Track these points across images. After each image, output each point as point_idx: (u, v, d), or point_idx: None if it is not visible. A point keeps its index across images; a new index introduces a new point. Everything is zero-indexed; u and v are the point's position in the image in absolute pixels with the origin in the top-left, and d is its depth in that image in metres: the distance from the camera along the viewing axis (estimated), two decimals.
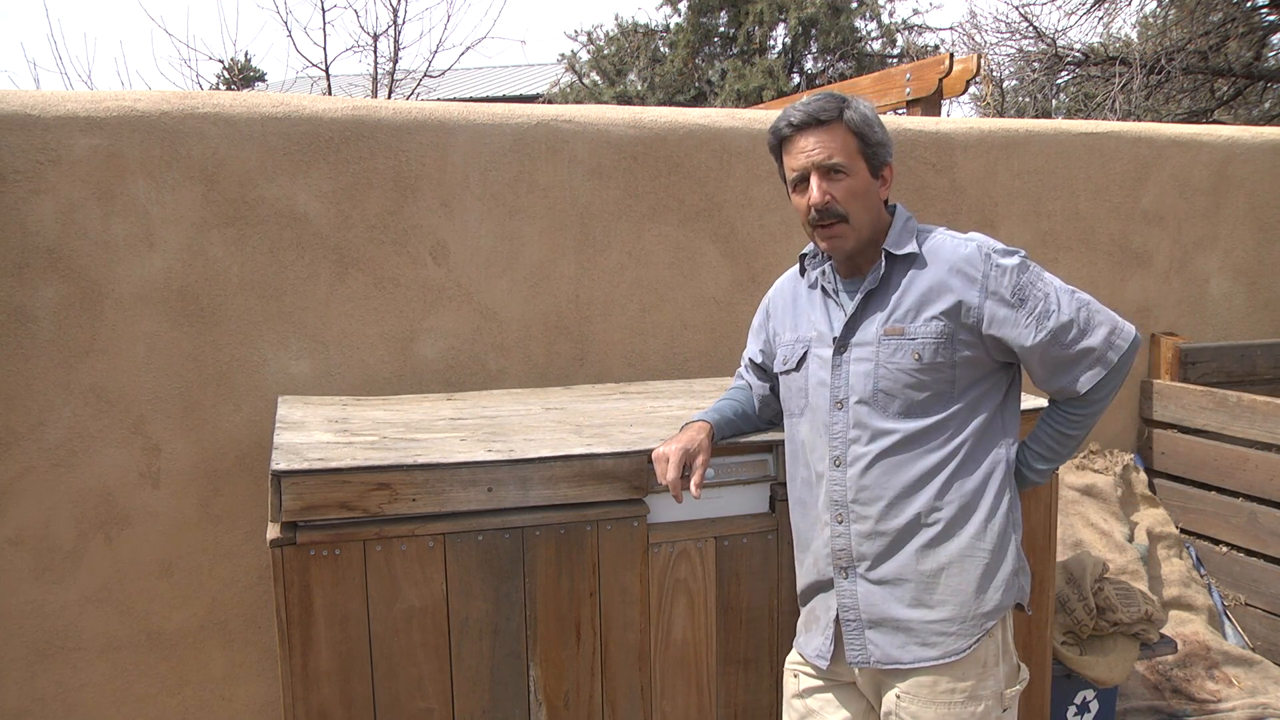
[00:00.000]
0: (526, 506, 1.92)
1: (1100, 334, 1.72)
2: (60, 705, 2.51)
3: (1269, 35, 11.03)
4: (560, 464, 1.92)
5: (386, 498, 1.83)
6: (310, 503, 1.79)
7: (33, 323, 2.40)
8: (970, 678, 1.72)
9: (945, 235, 1.77)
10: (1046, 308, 1.70)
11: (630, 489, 1.96)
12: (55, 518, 2.47)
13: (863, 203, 1.73)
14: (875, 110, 1.78)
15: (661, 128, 2.90)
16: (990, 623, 1.73)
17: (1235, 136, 3.71)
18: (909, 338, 1.71)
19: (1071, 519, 3.33)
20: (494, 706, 1.93)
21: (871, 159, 1.74)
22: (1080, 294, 1.75)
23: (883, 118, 3.30)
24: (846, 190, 1.72)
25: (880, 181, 1.78)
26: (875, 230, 1.77)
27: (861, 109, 1.74)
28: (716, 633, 2.07)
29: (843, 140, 1.72)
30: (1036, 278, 1.72)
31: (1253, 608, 3.30)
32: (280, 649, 1.81)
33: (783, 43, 14.10)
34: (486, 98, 13.22)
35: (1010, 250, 1.75)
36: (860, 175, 1.73)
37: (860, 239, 1.75)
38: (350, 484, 1.81)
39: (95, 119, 2.38)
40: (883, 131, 1.76)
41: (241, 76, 11.94)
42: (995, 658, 1.75)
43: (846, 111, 1.72)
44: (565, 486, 1.92)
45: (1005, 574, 1.75)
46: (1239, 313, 3.79)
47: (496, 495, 1.89)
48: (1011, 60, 11.44)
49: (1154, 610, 2.62)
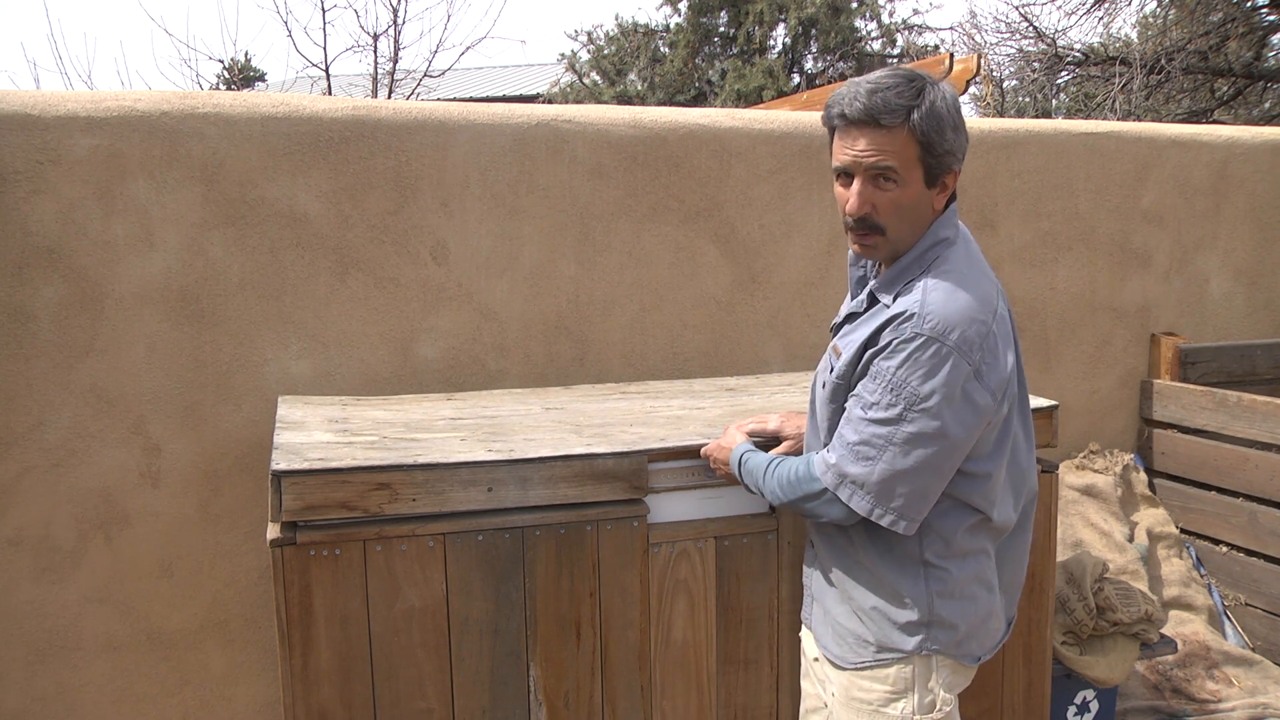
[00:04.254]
0: (527, 507, 1.92)
1: (852, 469, 1.55)
2: (60, 705, 2.51)
3: (1269, 35, 11.03)
4: (560, 464, 1.92)
5: (386, 498, 1.83)
6: (310, 502, 1.79)
7: (33, 323, 2.40)
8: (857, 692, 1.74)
9: (919, 289, 1.55)
10: (870, 401, 1.53)
11: (630, 489, 1.96)
12: (55, 518, 2.46)
13: (908, 216, 1.56)
14: (956, 103, 1.54)
15: (661, 128, 2.90)
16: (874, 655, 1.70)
17: (1235, 136, 3.71)
18: (835, 364, 1.64)
19: (1071, 519, 3.34)
20: (494, 706, 1.93)
21: (932, 169, 1.54)
22: (895, 444, 1.51)
23: None
24: (891, 202, 1.54)
25: (939, 189, 1.58)
26: (915, 239, 1.60)
27: (937, 107, 1.51)
28: (716, 633, 2.07)
29: (902, 145, 1.51)
30: (911, 380, 1.49)
31: (1253, 608, 3.30)
32: (280, 649, 1.81)
33: (783, 43, 14.10)
34: (486, 98, 13.22)
35: (939, 342, 1.49)
36: (912, 186, 1.54)
37: (895, 251, 1.61)
38: (350, 484, 1.81)
39: (95, 119, 2.38)
40: (955, 136, 1.54)
41: (241, 76, 11.94)
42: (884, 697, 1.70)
43: (915, 113, 1.50)
44: (565, 486, 1.92)
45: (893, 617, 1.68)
46: (1239, 313, 3.79)
47: (497, 495, 1.89)
48: (1011, 60, 11.45)
49: (1154, 610, 2.62)
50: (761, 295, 3.05)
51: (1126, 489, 3.48)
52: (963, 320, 1.50)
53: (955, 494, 1.63)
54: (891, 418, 1.51)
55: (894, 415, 1.51)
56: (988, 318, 1.54)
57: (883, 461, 1.53)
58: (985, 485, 1.63)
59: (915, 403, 1.50)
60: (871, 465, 1.54)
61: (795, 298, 3.09)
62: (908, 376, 1.50)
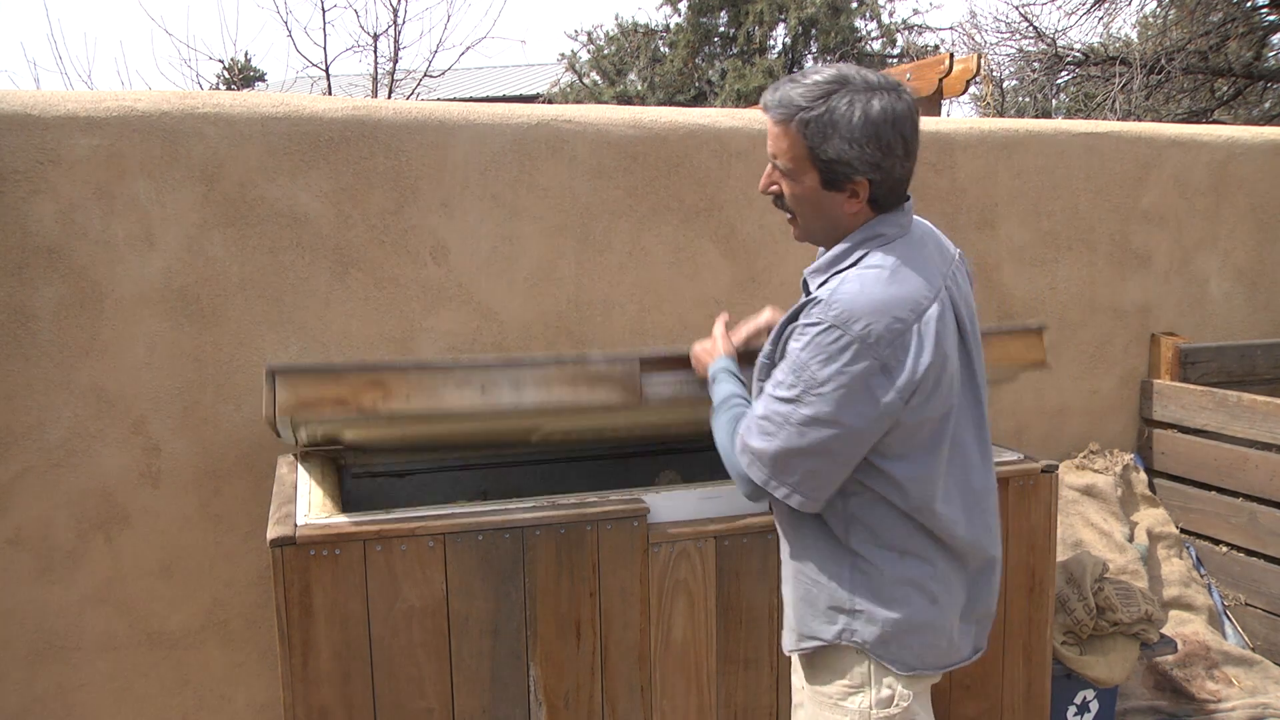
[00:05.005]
0: (522, 406, 1.84)
1: (754, 441, 1.59)
2: (60, 705, 2.51)
3: (1269, 35, 11.03)
4: (554, 367, 1.88)
5: (380, 395, 1.77)
6: (304, 398, 1.72)
7: (33, 323, 2.40)
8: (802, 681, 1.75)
9: (838, 279, 1.57)
10: (777, 379, 1.55)
11: (624, 391, 1.91)
12: (55, 518, 2.46)
13: (808, 210, 1.60)
14: (882, 114, 1.50)
15: (661, 128, 2.90)
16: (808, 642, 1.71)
17: (1235, 136, 3.71)
18: (764, 353, 1.66)
19: (1071, 519, 3.34)
20: (494, 706, 1.94)
21: (825, 172, 1.53)
22: (792, 424, 1.52)
23: None
24: (788, 192, 1.59)
25: (847, 194, 1.56)
26: (836, 236, 1.61)
27: (836, 115, 1.50)
28: (716, 633, 2.07)
29: (790, 143, 1.54)
30: (811, 364, 1.50)
31: (1253, 608, 3.30)
32: (280, 649, 1.81)
33: (783, 43, 14.11)
34: (486, 98, 13.21)
35: (841, 330, 1.48)
36: (804, 184, 1.56)
37: (814, 240, 1.65)
38: (345, 380, 1.75)
39: (95, 119, 2.38)
40: (848, 148, 1.50)
41: (241, 76, 11.94)
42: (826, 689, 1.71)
43: (803, 114, 1.51)
44: (559, 388, 1.87)
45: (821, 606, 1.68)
46: (1239, 313, 3.79)
47: (490, 397, 1.83)
48: (1011, 60, 11.45)
49: (1154, 610, 2.63)
50: (762, 295, 3.05)
51: (1126, 489, 3.48)
52: (871, 313, 1.49)
53: (875, 488, 1.61)
54: (791, 398, 1.53)
55: (793, 396, 1.53)
56: (907, 316, 1.51)
57: (779, 439, 1.55)
58: (907, 488, 1.60)
59: (813, 387, 1.50)
60: (769, 440, 1.56)
61: (795, 298, 3.08)
62: (809, 360, 1.50)
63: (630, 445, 2.65)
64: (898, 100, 1.52)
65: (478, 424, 2.00)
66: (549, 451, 2.57)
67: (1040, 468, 2.29)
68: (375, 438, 2.18)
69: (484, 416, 1.86)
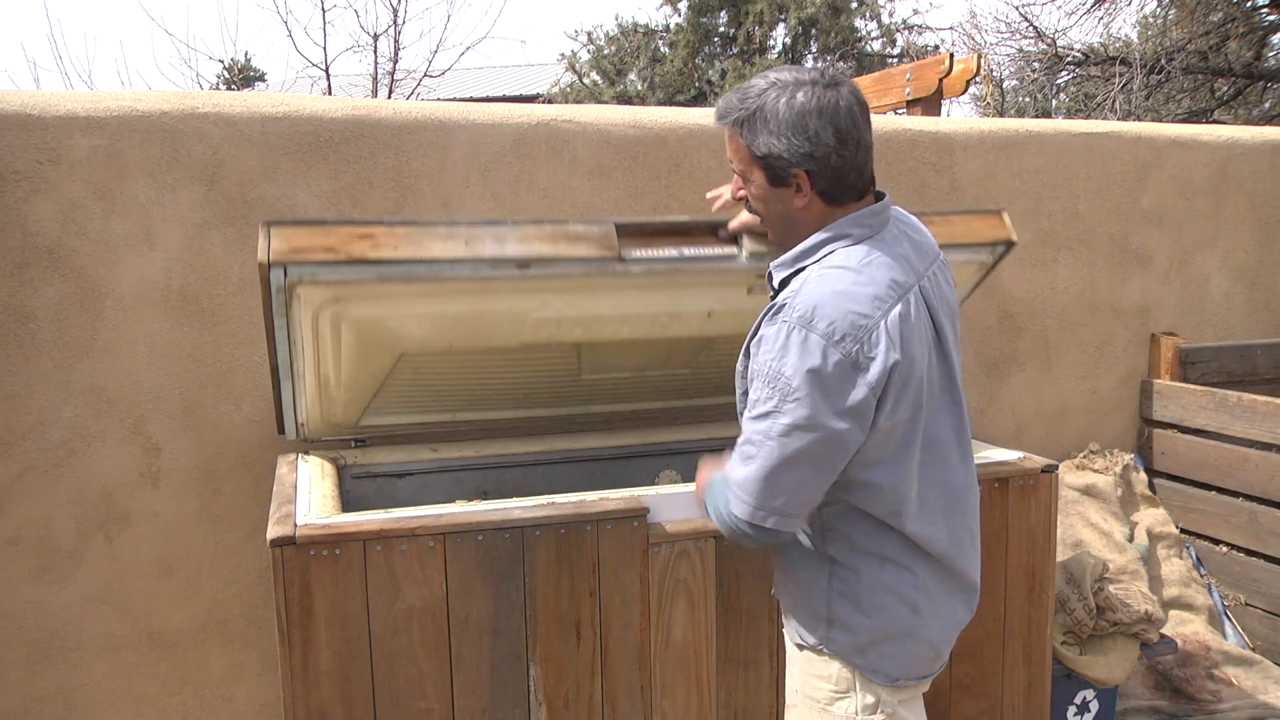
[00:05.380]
0: (504, 259, 1.95)
1: (736, 471, 1.57)
2: (60, 705, 2.51)
3: (1269, 35, 11.03)
4: (533, 225, 2.00)
5: (369, 245, 1.86)
6: (296, 245, 1.81)
7: (33, 323, 2.40)
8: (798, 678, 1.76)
9: (801, 277, 1.57)
10: (753, 399, 1.54)
11: (600, 247, 2.00)
12: (55, 518, 2.47)
13: (765, 210, 1.63)
14: (809, 105, 1.52)
15: (662, 128, 2.90)
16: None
17: (1235, 136, 3.71)
18: (738, 371, 1.66)
19: (1071, 519, 3.34)
20: (494, 706, 1.94)
21: (768, 169, 1.57)
22: (773, 438, 1.49)
23: (883, 118, 3.30)
24: (750, 195, 1.64)
25: (793, 189, 1.57)
26: (799, 234, 1.62)
27: (766, 110, 1.53)
28: (716, 633, 2.07)
29: (736, 145, 1.60)
30: (783, 370, 1.48)
31: (1253, 608, 3.30)
32: (280, 649, 1.81)
33: (783, 43, 14.11)
34: (486, 98, 13.21)
35: (805, 330, 1.47)
36: (756, 182, 1.60)
37: (782, 243, 1.65)
38: (335, 232, 1.86)
39: (95, 119, 2.38)
40: (776, 140, 1.53)
41: (241, 76, 11.94)
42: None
43: (737, 114, 1.56)
44: (539, 243, 1.96)
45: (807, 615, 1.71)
46: (1239, 313, 3.79)
47: (473, 248, 1.93)
48: (1011, 60, 11.45)
49: (1154, 610, 2.63)
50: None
51: (1126, 489, 3.48)
52: (835, 311, 1.47)
53: (847, 497, 1.60)
54: (768, 410, 1.50)
55: (770, 408, 1.49)
56: (872, 313, 1.49)
57: (761, 457, 1.51)
58: (882, 494, 1.58)
59: (788, 394, 1.47)
60: (751, 462, 1.53)
61: None
62: (779, 366, 1.48)
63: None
64: (827, 92, 1.53)
65: (467, 301, 2.05)
66: (542, 425, 2.57)
67: (1040, 468, 2.29)
68: (366, 305, 2.10)
69: (466, 265, 1.95)
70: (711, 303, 2.26)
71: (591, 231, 2.01)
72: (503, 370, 2.36)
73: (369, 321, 2.07)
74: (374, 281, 1.93)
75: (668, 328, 2.28)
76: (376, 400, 2.36)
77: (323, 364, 2.15)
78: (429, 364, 2.25)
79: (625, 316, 2.22)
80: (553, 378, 2.44)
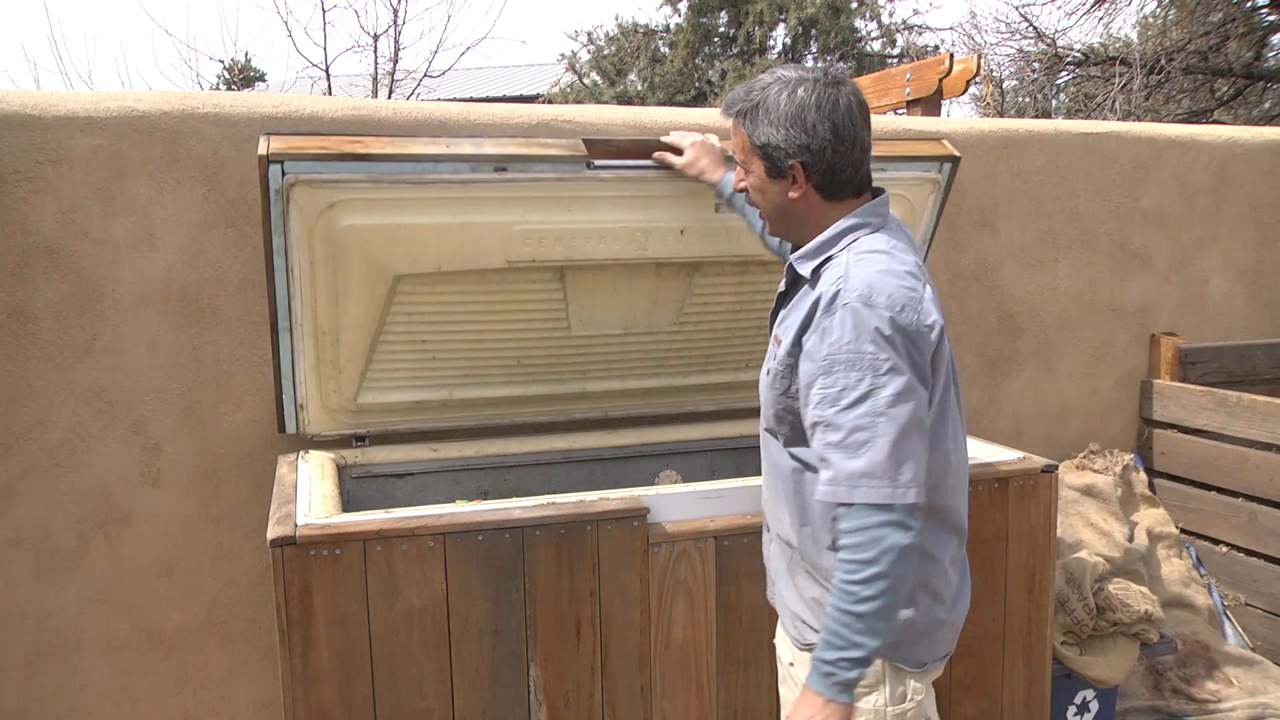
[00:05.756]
0: (481, 157, 2.13)
1: (856, 464, 1.49)
2: (60, 705, 2.51)
3: (1269, 35, 11.03)
4: (507, 138, 2.23)
5: (359, 146, 2.06)
6: (292, 146, 2.00)
7: (33, 323, 2.40)
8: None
9: (842, 263, 1.60)
10: (837, 391, 1.51)
11: (569, 148, 2.18)
12: (55, 518, 2.46)
13: (764, 200, 1.70)
14: (809, 100, 1.59)
15: (661, 128, 2.89)
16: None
17: (1235, 136, 3.71)
18: (777, 351, 1.68)
19: (1071, 519, 3.33)
20: (494, 706, 1.94)
21: (766, 160, 1.64)
22: (882, 413, 1.48)
23: (883, 118, 3.29)
24: (750, 186, 1.71)
25: (789, 181, 1.63)
26: (799, 225, 1.67)
27: (769, 102, 1.61)
28: (716, 633, 2.07)
29: (739, 138, 1.69)
30: (865, 348, 1.50)
31: (1253, 608, 3.30)
32: (280, 649, 1.81)
33: (783, 43, 14.10)
34: (487, 98, 13.21)
35: (869, 308, 1.51)
36: (755, 172, 1.68)
37: (780, 233, 1.73)
38: (329, 139, 2.07)
39: (95, 119, 2.38)
40: (775, 131, 1.60)
41: (241, 76, 11.94)
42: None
43: (740, 105, 1.66)
44: (512, 146, 2.16)
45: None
46: (1239, 313, 3.79)
47: (453, 148, 2.12)
48: (1011, 60, 11.46)
49: (1154, 610, 2.63)
50: None
51: (1126, 489, 3.48)
52: (888, 286, 1.53)
53: None
54: (866, 392, 1.50)
55: (866, 389, 1.50)
56: (916, 286, 1.57)
57: (880, 435, 1.48)
58: (930, 463, 1.61)
59: (878, 368, 1.49)
60: (871, 447, 1.49)
61: None
62: (859, 346, 1.50)
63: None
64: (828, 89, 1.60)
65: (453, 212, 2.18)
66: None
67: (1040, 468, 2.29)
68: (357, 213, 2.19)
69: (448, 165, 2.11)
70: (683, 219, 2.36)
71: (561, 140, 2.23)
72: (494, 322, 2.42)
73: (362, 234, 2.16)
74: (365, 183, 2.08)
75: (645, 246, 2.37)
76: (373, 367, 2.39)
77: (320, 306, 2.24)
78: (421, 304, 2.32)
79: (602, 232, 2.31)
80: (543, 337, 2.48)
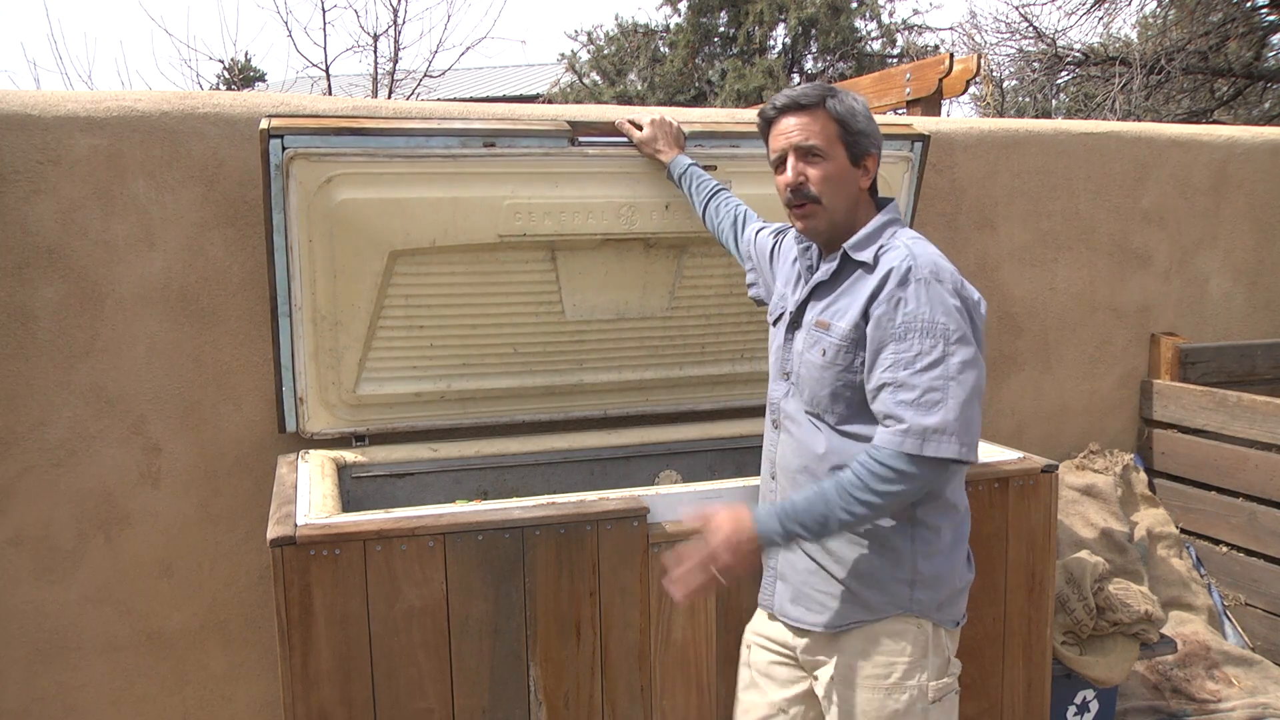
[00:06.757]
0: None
1: (930, 420, 1.59)
2: (60, 705, 2.51)
3: (1269, 35, 11.03)
4: (494, 116, 2.36)
5: (356, 123, 2.18)
6: (291, 121, 2.15)
7: (33, 323, 2.40)
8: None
9: (901, 246, 1.72)
10: (911, 355, 1.63)
11: (554, 125, 2.32)
12: (55, 518, 2.47)
13: (838, 188, 1.76)
14: (866, 105, 1.81)
15: None
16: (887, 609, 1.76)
17: (1235, 136, 3.71)
18: (828, 334, 1.74)
19: (1071, 519, 3.34)
20: (494, 706, 1.94)
21: (852, 146, 1.76)
22: (952, 377, 1.61)
23: (883, 117, 3.29)
24: (821, 174, 1.75)
25: (862, 171, 1.79)
26: (851, 217, 1.79)
27: (847, 100, 1.77)
28: (716, 633, 2.07)
29: (823, 125, 1.75)
30: (938, 318, 1.63)
31: (1253, 608, 3.30)
32: (280, 649, 1.81)
33: (783, 43, 14.10)
34: (487, 98, 13.21)
35: (940, 283, 1.66)
36: (838, 161, 1.76)
37: (834, 223, 1.78)
38: (324, 117, 2.21)
39: (95, 119, 2.38)
40: (868, 123, 1.78)
41: (241, 76, 11.93)
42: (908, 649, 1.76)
43: (830, 99, 1.76)
44: (499, 124, 2.28)
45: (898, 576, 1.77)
46: (1239, 313, 3.79)
47: (446, 124, 2.26)
48: (1011, 60, 11.45)
49: (1154, 610, 2.63)
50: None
51: (1126, 489, 3.48)
52: (945, 266, 1.70)
53: None
54: (938, 357, 1.61)
55: (939, 354, 1.62)
56: (956, 270, 1.74)
57: (951, 397, 1.60)
58: None
59: (949, 336, 1.62)
60: (943, 406, 1.60)
61: None
62: (933, 315, 1.63)
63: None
64: (858, 96, 1.82)
65: (445, 187, 2.28)
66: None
67: (1040, 468, 2.29)
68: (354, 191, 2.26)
69: (439, 139, 2.25)
70: (666, 195, 2.46)
71: (547, 117, 2.37)
72: (489, 305, 2.46)
73: (358, 209, 2.23)
74: (361, 157, 2.20)
75: (631, 221, 2.44)
76: (371, 355, 2.40)
77: (319, 286, 2.29)
78: (417, 285, 2.36)
79: (590, 207, 2.40)
80: (538, 322, 2.51)
